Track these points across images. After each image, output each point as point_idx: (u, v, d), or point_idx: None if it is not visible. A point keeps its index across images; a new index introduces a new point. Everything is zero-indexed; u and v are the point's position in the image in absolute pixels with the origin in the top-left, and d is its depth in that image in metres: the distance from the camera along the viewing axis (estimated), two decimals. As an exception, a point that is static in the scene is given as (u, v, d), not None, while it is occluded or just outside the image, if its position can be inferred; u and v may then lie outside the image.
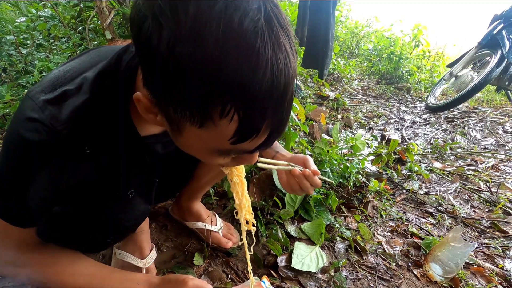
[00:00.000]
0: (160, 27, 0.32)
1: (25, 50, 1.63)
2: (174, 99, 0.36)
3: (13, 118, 0.50)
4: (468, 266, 1.06)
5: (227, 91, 0.33)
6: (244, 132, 0.37)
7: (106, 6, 1.51)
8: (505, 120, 2.56)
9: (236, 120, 0.35)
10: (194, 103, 0.34)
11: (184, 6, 0.31)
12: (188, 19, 0.31)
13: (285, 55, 0.34)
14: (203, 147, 0.43)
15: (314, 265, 0.97)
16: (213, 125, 0.36)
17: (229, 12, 0.31)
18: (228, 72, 0.31)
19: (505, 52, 2.36)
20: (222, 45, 0.31)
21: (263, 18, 0.32)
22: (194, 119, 0.36)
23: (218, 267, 0.96)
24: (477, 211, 1.39)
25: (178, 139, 0.44)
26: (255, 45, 0.32)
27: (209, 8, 0.31)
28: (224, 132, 0.37)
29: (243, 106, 0.34)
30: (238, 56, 0.31)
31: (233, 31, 0.31)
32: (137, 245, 0.84)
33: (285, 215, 1.12)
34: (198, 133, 0.39)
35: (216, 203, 1.23)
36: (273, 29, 0.33)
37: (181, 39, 0.31)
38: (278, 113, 0.38)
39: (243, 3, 0.32)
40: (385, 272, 1.01)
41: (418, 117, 2.72)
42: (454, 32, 7.68)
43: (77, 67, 0.51)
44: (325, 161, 1.32)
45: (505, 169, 1.79)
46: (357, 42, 4.65)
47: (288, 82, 0.35)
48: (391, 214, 1.32)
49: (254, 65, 0.32)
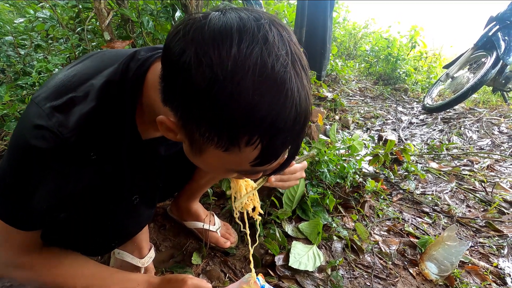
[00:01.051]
0: (200, 64, 0.35)
1: (24, 51, 1.63)
2: (205, 126, 0.38)
3: (19, 124, 0.50)
4: (463, 264, 1.07)
5: (258, 126, 0.37)
6: (266, 157, 0.42)
7: (104, 7, 1.52)
8: (500, 120, 2.58)
9: (260, 148, 0.40)
10: (225, 132, 0.38)
11: (227, 49, 0.35)
12: (230, 62, 0.34)
13: (306, 93, 0.39)
14: (222, 166, 0.46)
15: (311, 264, 0.98)
16: (238, 151, 0.40)
17: (264, 57, 0.35)
18: (260, 111, 0.36)
19: (501, 53, 2.38)
20: (257, 88, 0.35)
21: (290, 62, 0.37)
22: (220, 145, 0.40)
23: (216, 267, 0.97)
24: (473, 211, 1.40)
25: (195, 158, 0.46)
26: (284, 87, 0.36)
27: (248, 52, 0.35)
28: (246, 157, 0.41)
29: (268, 137, 0.39)
30: (270, 98, 0.36)
31: (267, 75, 0.35)
32: (136, 244, 0.85)
33: (282, 214, 1.13)
34: (220, 155, 0.42)
35: (214, 203, 1.24)
36: (298, 72, 0.38)
37: (222, 80, 0.35)
38: (296, 142, 0.44)
39: (274, 48, 0.36)
40: (381, 271, 1.03)
41: (415, 118, 2.74)
42: (451, 34, 7.73)
43: (82, 72, 0.51)
44: (323, 161, 1.33)
45: (500, 169, 1.81)
46: (354, 43, 4.67)
47: (307, 117, 0.41)
48: (387, 213, 1.33)
49: (282, 105, 0.37)
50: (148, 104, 0.50)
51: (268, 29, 0.37)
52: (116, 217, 0.59)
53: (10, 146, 0.50)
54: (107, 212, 0.57)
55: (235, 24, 0.36)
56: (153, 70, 0.50)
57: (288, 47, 0.38)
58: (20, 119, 0.50)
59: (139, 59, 0.50)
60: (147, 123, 0.54)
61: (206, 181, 0.98)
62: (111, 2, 1.60)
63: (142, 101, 0.51)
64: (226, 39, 0.35)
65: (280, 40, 0.37)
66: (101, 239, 0.61)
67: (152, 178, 0.64)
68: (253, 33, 0.36)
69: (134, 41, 1.65)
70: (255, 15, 0.38)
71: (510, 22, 2.47)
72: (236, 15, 0.37)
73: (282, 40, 0.37)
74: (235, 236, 1.06)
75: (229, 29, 0.36)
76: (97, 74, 0.50)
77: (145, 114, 0.52)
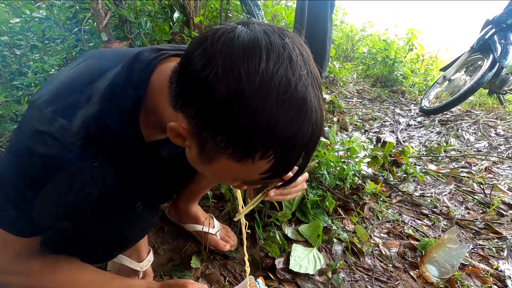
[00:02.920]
0: (228, 76, 0.36)
1: (20, 51, 1.61)
2: (222, 136, 0.39)
3: (19, 129, 0.48)
4: (463, 267, 1.07)
5: (276, 141, 0.38)
6: (278, 171, 0.43)
7: (102, 8, 1.50)
8: (497, 123, 2.60)
9: (273, 162, 0.40)
10: (242, 145, 0.39)
11: (256, 65, 0.36)
12: (258, 78, 0.35)
13: (321, 112, 0.41)
14: (229, 175, 0.46)
15: (311, 267, 0.97)
16: (251, 163, 0.40)
17: (288, 76, 0.36)
18: (281, 127, 0.37)
19: (497, 56, 2.40)
20: (281, 105, 0.36)
21: (310, 81, 0.39)
22: (234, 156, 0.40)
23: (215, 270, 0.95)
24: (472, 213, 1.41)
25: (203, 166, 0.46)
26: (304, 106, 0.38)
27: (275, 70, 0.36)
28: (258, 169, 0.42)
29: (284, 152, 0.40)
30: (292, 116, 0.37)
31: (291, 94, 0.36)
32: (134, 248, 0.83)
33: (282, 217, 1.12)
34: (231, 166, 0.42)
35: (213, 205, 1.22)
36: (316, 92, 0.39)
37: (248, 94, 0.35)
38: (308, 156, 0.45)
39: (297, 67, 0.37)
40: (382, 273, 1.02)
41: (413, 120, 2.75)
42: (447, 36, 7.81)
43: (84, 73, 0.50)
44: (322, 163, 1.32)
45: (498, 171, 1.81)
46: (352, 46, 4.69)
47: (321, 133, 0.42)
48: (387, 216, 1.33)
49: (302, 123, 0.38)
50: (153, 107, 0.49)
51: (292, 48, 0.38)
52: (119, 225, 0.57)
53: (9, 150, 0.49)
54: (110, 220, 0.55)
55: (263, 40, 0.37)
56: (158, 72, 0.49)
57: (308, 67, 0.39)
58: (20, 123, 0.49)
59: (143, 61, 0.49)
60: (151, 126, 0.53)
61: (206, 183, 0.97)
62: (108, 2, 1.59)
63: (146, 104, 0.49)
64: (256, 55, 0.36)
65: (302, 59, 0.39)
66: (103, 247, 0.60)
67: (156, 184, 0.62)
68: (279, 51, 0.37)
69: (131, 42, 1.63)
70: (279, 33, 0.39)
71: (506, 25, 2.49)
72: (261, 29, 0.38)
73: (303, 60, 0.39)
74: (235, 239, 1.05)
75: (258, 45, 0.36)
76: (99, 75, 0.49)
77: (149, 117, 0.51)
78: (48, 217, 0.49)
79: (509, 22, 2.48)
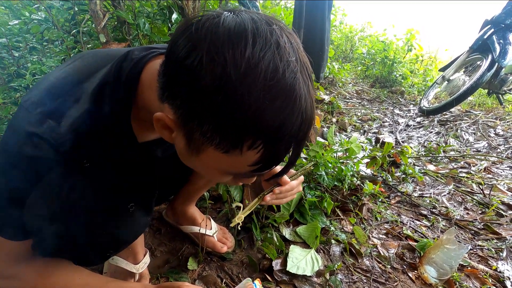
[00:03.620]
0: (213, 62, 0.34)
1: (18, 53, 1.61)
2: (209, 126, 0.37)
3: (8, 130, 0.48)
4: (462, 268, 1.06)
5: (264, 130, 0.37)
6: (267, 162, 0.41)
7: (100, 9, 1.50)
8: (496, 123, 2.59)
9: (262, 152, 0.39)
10: (229, 134, 0.37)
11: (242, 50, 0.34)
12: (243, 63, 0.34)
13: (311, 101, 0.39)
14: (218, 168, 0.45)
15: (309, 269, 0.97)
16: (239, 153, 0.39)
17: (276, 62, 0.35)
18: (268, 115, 0.36)
19: (496, 56, 2.40)
20: (268, 92, 0.35)
21: (299, 69, 0.37)
22: (221, 146, 0.39)
23: (212, 272, 0.95)
24: (471, 213, 1.40)
25: (191, 158, 0.45)
26: (293, 94, 0.36)
27: (262, 55, 0.34)
28: (246, 160, 0.40)
29: (272, 142, 0.38)
30: (280, 103, 0.36)
31: (278, 80, 0.35)
32: (130, 250, 0.83)
33: (280, 218, 1.12)
34: (219, 157, 0.41)
35: (210, 206, 1.22)
36: (305, 80, 0.38)
37: (233, 80, 0.34)
38: (299, 148, 0.43)
39: (285, 54, 0.36)
40: (380, 275, 1.01)
41: (412, 120, 2.75)
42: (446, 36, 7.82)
43: (73, 74, 0.49)
44: (320, 164, 1.32)
45: (497, 171, 1.81)
46: (351, 47, 4.70)
47: (310, 124, 0.41)
48: (385, 216, 1.32)
49: (290, 111, 0.37)
50: (144, 105, 0.49)
51: (279, 35, 0.37)
52: (111, 226, 0.57)
53: None
54: (102, 221, 0.55)
55: (249, 26, 0.35)
56: (148, 69, 0.48)
57: (297, 54, 0.38)
58: (9, 125, 0.48)
59: (133, 59, 0.48)
60: (143, 125, 0.52)
61: (203, 184, 0.96)
62: (107, 4, 1.59)
63: (137, 103, 0.49)
64: (241, 40, 0.34)
65: (290, 46, 0.37)
66: (96, 249, 0.59)
67: (147, 185, 0.62)
68: (266, 37, 0.35)
69: (130, 43, 1.63)
70: (267, 20, 0.38)
71: (505, 25, 2.49)
72: (249, 17, 0.37)
73: (292, 47, 0.37)
74: (232, 241, 1.05)
75: (244, 30, 0.35)
76: (89, 76, 0.48)
77: (140, 116, 0.50)
78: (39, 219, 0.48)
79: (508, 22, 2.48)
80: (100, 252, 0.59)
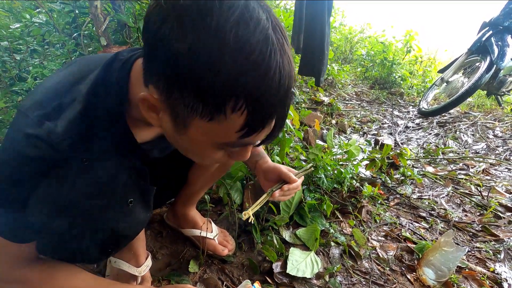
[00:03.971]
0: (182, 27, 0.35)
1: (19, 57, 1.62)
2: (189, 94, 0.38)
3: (7, 136, 0.49)
4: (460, 270, 1.07)
5: (243, 90, 0.37)
6: (253, 125, 0.41)
7: (101, 13, 1.51)
8: (495, 124, 2.61)
9: (246, 114, 0.39)
10: (210, 98, 0.38)
11: (209, 10, 0.35)
12: (212, 23, 0.35)
13: (288, 59, 0.40)
14: (207, 141, 0.45)
15: (309, 271, 0.98)
16: (224, 118, 0.39)
17: (245, 19, 0.36)
18: (244, 73, 0.36)
19: (494, 58, 2.41)
20: (240, 51, 0.35)
21: (271, 27, 0.38)
22: (205, 114, 0.39)
23: (213, 274, 0.96)
24: (469, 215, 1.41)
25: (180, 137, 0.46)
26: (267, 49, 0.37)
27: (230, 14, 0.35)
28: (233, 125, 0.40)
29: (254, 102, 0.38)
30: (254, 61, 0.36)
31: (249, 39, 0.35)
32: (132, 252, 0.84)
33: (280, 221, 1.13)
34: (206, 127, 0.41)
35: (211, 209, 1.23)
36: (279, 38, 0.38)
37: (204, 43, 0.35)
38: (282, 108, 0.43)
39: (255, 12, 0.37)
40: (379, 277, 1.03)
41: (411, 122, 2.76)
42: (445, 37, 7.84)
43: (68, 78, 0.51)
44: (320, 166, 1.33)
45: (495, 173, 1.82)
46: (350, 48, 4.71)
47: (291, 82, 0.41)
48: (384, 219, 1.33)
49: (266, 68, 0.37)
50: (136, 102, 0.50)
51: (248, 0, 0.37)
52: (111, 221, 0.58)
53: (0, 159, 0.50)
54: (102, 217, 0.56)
55: None
56: (136, 66, 0.50)
57: (268, 15, 0.38)
58: (8, 132, 0.50)
59: (121, 60, 0.50)
60: (138, 124, 0.54)
61: (201, 185, 0.97)
62: (107, 7, 1.60)
63: (130, 101, 0.51)
64: (208, 4, 0.35)
65: (260, 8, 0.38)
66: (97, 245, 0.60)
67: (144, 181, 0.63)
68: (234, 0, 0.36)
69: (130, 46, 1.64)
70: None
71: (503, 27, 2.51)
72: None
73: (262, 9, 0.38)
74: (233, 244, 1.06)
75: None
76: (82, 78, 0.50)
77: (135, 114, 0.52)
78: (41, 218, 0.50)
79: (506, 24, 2.50)
80: (101, 248, 0.59)
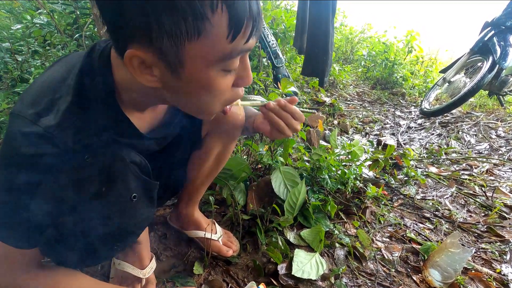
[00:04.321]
0: None
1: (21, 58, 1.62)
2: (167, 21, 0.38)
3: (5, 141, 0.49)
4: (466, 271, 1.06)
5: None
6: (237, 21, 0.41)
7: (103, 14, 1.51)
8: (497, 124, 2.60)
9: (226, 10, 0.39)
10: (187, 9, 0.37)
11: None
12: None
13: None
14: (207, 65, 0.44)
15: (314, 273, 0.97)
16: (210, 25, 0.39)
17: None
18: None
19: (496, 58, 2.41)
20: None
21: None
22: (190, 30, 0.39)
23: (218, 276, 0.95)
24: (474, 216, 1.40)
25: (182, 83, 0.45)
26: None
27: None
28: (220, 29, 0.40)
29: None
30: None
31: None
32: (136, 255, 0.83)
33: (284, 222, 1.12)
34: (198, 48, 0.41)
35: (215, 211, 1.23)
36: None
37: None
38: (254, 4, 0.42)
39: None
40: (385, 278, 1.02)
41: (413, 122, 2.76)
42: (446, 38, 7.84)
43: (55, 75, 0.52)
44: (323, 167, 1.32)
45: (499, 173, 1.81)
46: (352, 48, 4.71)
47: None
48: (389, 219, 1.33)
49: None
50: (124, 85, 0.51)
51: None
52: (115, 217, 0.57)
53: None
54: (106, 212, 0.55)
55: None
56: (113, 53, 0.50)
57: None
58: (4, 137, 0.49)
59: (98, 49, 0.51)
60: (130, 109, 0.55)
61: (201, 180, 0.95)
62: (109, 8, 1.59)
63: (117, 85, 0.51)
64: None
65: None
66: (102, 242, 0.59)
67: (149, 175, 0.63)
68: None
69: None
70: None
71: (505, 27, 2.50)
72: None
73: None
74: (237, 244, 1.05)
75: None
76: (69, 73, 0.51)
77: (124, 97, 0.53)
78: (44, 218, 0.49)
79: (508, 24, 2.49)
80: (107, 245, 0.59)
